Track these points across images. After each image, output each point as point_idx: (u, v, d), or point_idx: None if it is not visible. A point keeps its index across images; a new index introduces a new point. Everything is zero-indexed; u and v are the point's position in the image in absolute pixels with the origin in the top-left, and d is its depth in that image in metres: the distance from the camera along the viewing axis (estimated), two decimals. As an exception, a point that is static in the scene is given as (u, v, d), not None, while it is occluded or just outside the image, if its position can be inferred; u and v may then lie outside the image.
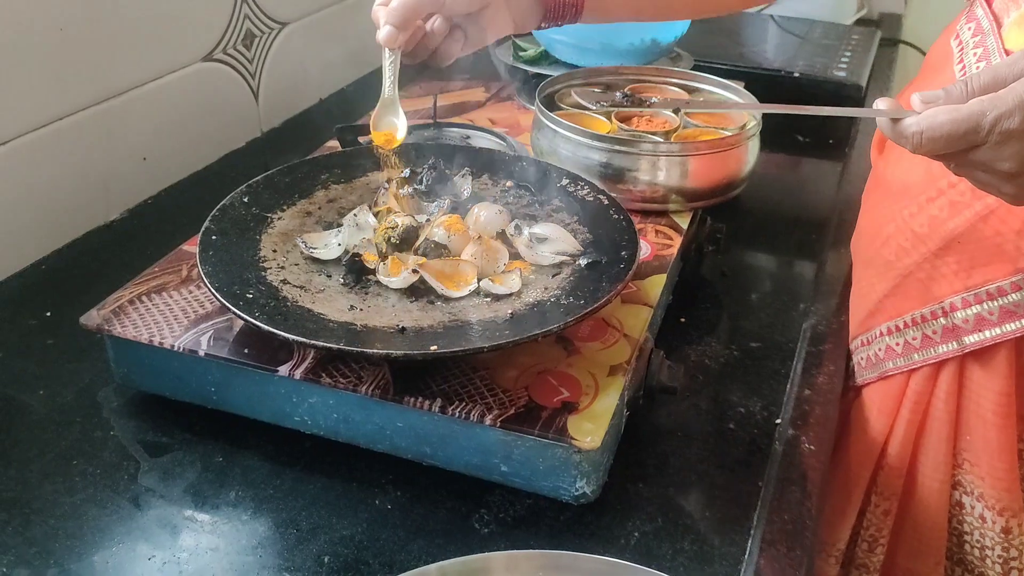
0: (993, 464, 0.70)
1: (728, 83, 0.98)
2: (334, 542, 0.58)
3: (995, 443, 0.69)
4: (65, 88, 0.87)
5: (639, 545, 0.59)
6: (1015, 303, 0.63)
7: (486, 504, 0.61)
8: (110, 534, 0.58)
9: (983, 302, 0.64)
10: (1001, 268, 0.63)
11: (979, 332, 0.65)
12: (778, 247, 0.96)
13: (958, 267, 0.66)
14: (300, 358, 0.63)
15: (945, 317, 0.67)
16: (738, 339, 0.79)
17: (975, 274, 0.65)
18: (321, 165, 0.82)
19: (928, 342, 0.69)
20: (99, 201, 0.93)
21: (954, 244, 0.66)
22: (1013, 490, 0.70)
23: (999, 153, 0.51)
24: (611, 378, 0.63)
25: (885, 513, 0.76)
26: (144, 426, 0.67)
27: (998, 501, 0.71)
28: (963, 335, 0.66)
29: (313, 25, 1.22)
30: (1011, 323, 0.63)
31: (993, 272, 0.64)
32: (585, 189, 0.79)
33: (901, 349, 0.72)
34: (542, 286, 0.68)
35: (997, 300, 0.64)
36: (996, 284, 0.63)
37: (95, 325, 0.66)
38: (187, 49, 1.01)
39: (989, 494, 0.71)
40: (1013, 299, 0.63)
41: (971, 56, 0.67)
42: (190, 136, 1.04)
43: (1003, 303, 0.63)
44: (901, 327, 0.71)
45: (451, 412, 0.59)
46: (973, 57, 0.67)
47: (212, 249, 0.68)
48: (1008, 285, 0.63)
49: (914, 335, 0.70)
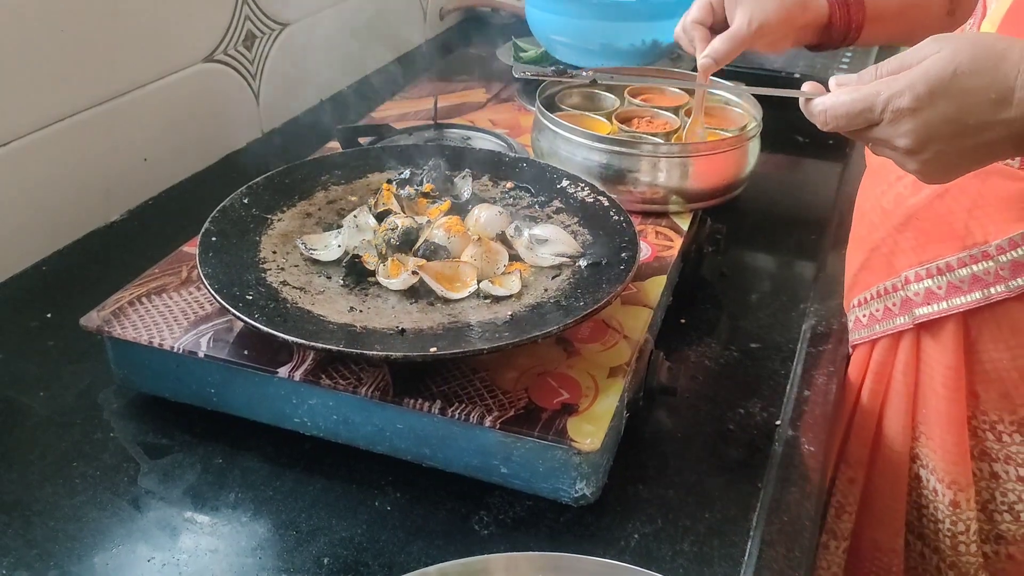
0: (943, 437, 0.71)
1: (729, 84, 0.98)
2: (334, 543, 0.58)
3: (945, 416, 0.71)
4: (66, 89, 0.87)
5: (639, 547, 0.59)
6: (961, 279, 0.65)
7: (486, 506, 0.61)
8: (110, 536, 0.58)
9: (933, 276, 0.67)
10: (951, 244, 0.65)
11: (928, 305, 0.67)
12: (778, 248, 0.96)
13: (915, 242, 0.68)
14: (300, 360, 0.63)
15: (903, 289, 0.68)
16: (738, 340, 0.79)
17: (928, 249, 0.67)
18: (321, 166, 0.82)
19: (888, 314, 0.71)
20: (100, 202, 0.93)
21: (912, 220, 0.68)
22: (961, 464, 0.71)
23: (895, 130, 0.55)
24: (611, 380, 0.63)
25: (851, 481, 0.78)
26: (144, 428, 0.67)
27: (947, 474, 0.72)
28: (914, 307, 0.68)
29: (314, 26, 1.22)
30: (957, 298, 0.65)
31: (943, 248, 0.66)
32: (585, 190, 0.79)
33: (867, 320, 0.74)
34: (542, 288, 0.68)
35: (946, 275, 0.66)
36: (945, 260, 0.66)
37: (95, 327, 0.66)
38: (188, 50, 1.02)
39: (940, 467, 0.72)
40: (960, 275, 0.65)
41: None
42: (191, 137, 1.04)
43: (951, 278, 0.65)
44: (868, 299, 0.74)
45: (451, 414, 0.59)
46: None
47: (212, 250, 0.68)
48: (955, 261, 0.65)
49: (877, 307, 0.72)
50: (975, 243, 0.63)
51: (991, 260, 0.63)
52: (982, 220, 0.63)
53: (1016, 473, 0.70)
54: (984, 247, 0.63)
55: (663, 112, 0.96)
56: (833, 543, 0.78)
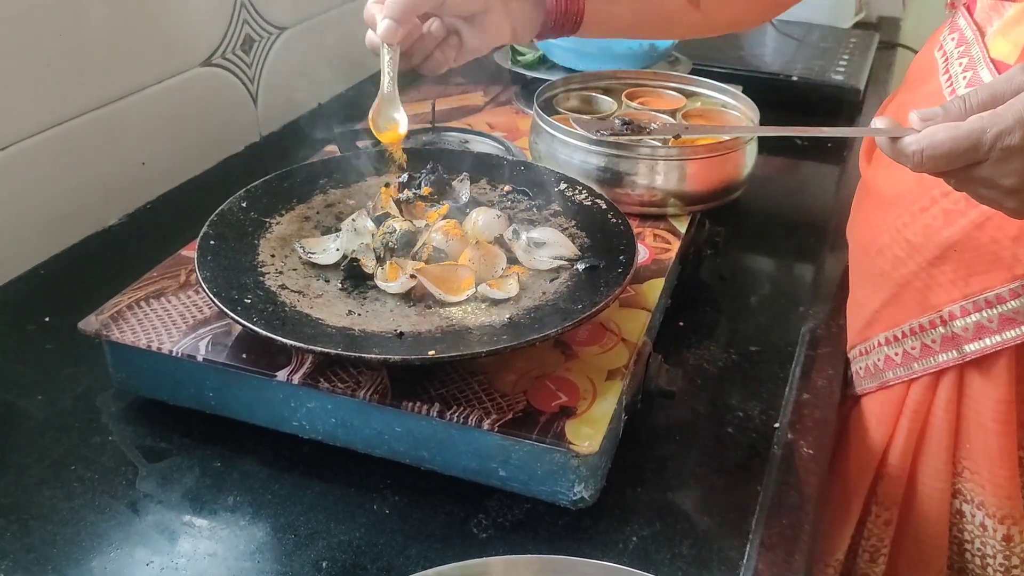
0: (994, 472, 0.70)
1: (726, 87, 0.98)
2: (332, 547, 0.58)
3: (995, 451, 0.69)
4: (64, 93, 0.87)
5: (637, 550, 0.59)
6: (1014, 310, 0.63)
7: (484, 509, 0.61)
8: (108, 540, 0.58)
9: (982, 310, 0.64)
10: (999, 275, 0.63)
11: (979, 340, 0.65)
12: (776, 250, 0.96)
13: (955, 275, 0.66)
14: (298, 363, 0.63)
15: (944, 326, 0.67)
16: (737, 343, 0.79)
17: (973, 282, 0.65)
18: (319, 170, 0.82)
19: (927, 351, 0.69)
20: (98, 206, 0.93)
21: (950, 253, 0.65)
22: (1014, 497, 0.70)
23: (1001, 169, 0.50)
24: (609, 382, 0.63)
25: (886, 523, 0.76)
26: (142, 431, 0.67)
27: (999, 509, 0.70)
28: (963, 344, 0.66)
29: (311, 30, 1.22)
30: (1011, 330, 0.63)
31: (991, 280, 0.64)
32: (583, 193, 0.79)
33: (900, 359, 0.72)
34: (540, 291, 0.68)
35: (996, 308, 0.64)
36: (995, 292, 0.63)
37: (94, 330, 0.66)
38: (186, 54, 1.02)
39: (990, 502, 0.71)
40: (1012, 306, 0.63)
41: (956, 67, 0.67)
42: (189, 141, 1.04)
43: (1002, 311, 0.63)
44: (900, 337, 0.71)
45: (449, 417, 0.59)
46: (959, 67, 0.67)
47: (210, 254, 0.68)
48: (1007, 292, 0.63)
49: (913, 344, 0.70)
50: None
51: None
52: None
53: None
54: None
55: (661, 115, 0.96)
56: None
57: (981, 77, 0.64)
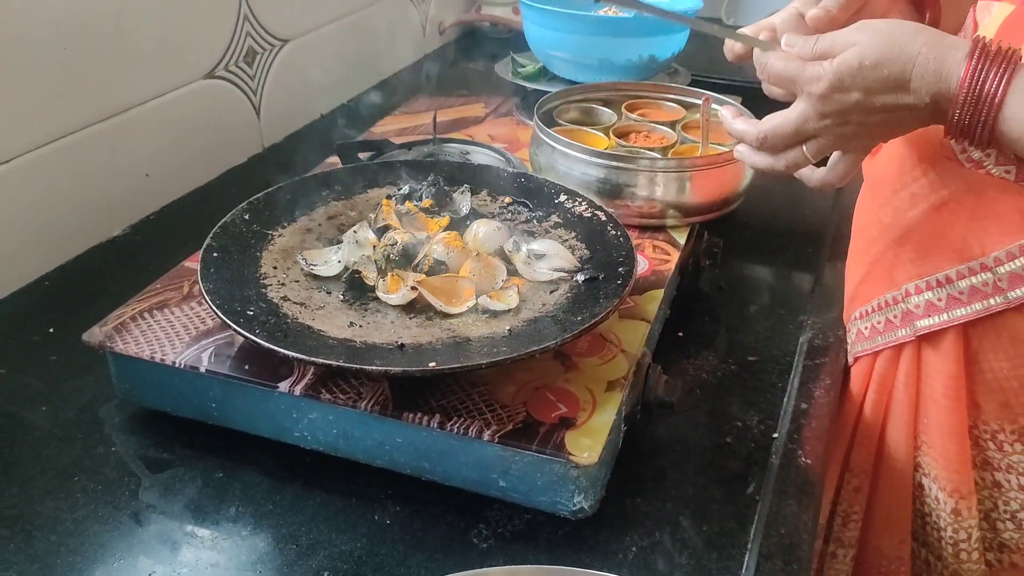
0: (945, 447, 0.72)
1: (724, 98, 0.99)
2: (333, 557, 0.58)
3: (946, 426, 0.71)
4: (69, 106, 0.88)
5: (637, 560, 0.59)
6: (960, 291, 0.66)
7: (485, 519, 0.62)
8: (111, 550, 0.59)
9: (933, 288, 0.68)
10: (949, 257, 0.66)
11: (928, 317, 0.68)
12: (775, 261, 0.97)
13: (914, 255, 0.69)
14: (300, 374, 0.63)
15: (903, 302, 0.70)
16: (736, 353, 0.80)
17: (928, 262, 0.68)
18: (322, 182, 0.82)
19: (890, 326, 0.72)
20: (102, 217, 0.94)
21: (912, 233, 0.69)
22: (963, 472, 0.72)
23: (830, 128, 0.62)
24: (609, 393, 0.63)
25: (856, 490, 0.78)
26: (145, 442, 0.67)
27: (949, 482, 0.72)
28: (915, 320, 0.69)
29: (314, 42, 1.23)
30: (957, 309, 0.66)
31: (942, 261, 0.67)
32: (583, 205, 0.79)
33: (868, 332, 0.75)
34: (540, 302, 0.69)
35: (945, 287, 0.67)
36: (944, 272, 0.67)
37: (97, 342, 0.66)
38: (190, 66, 1.03)
39: (942, 475, 0.73)
40: (959, 287, 0.66)
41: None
42: (192, 152, 1.05)
43: (950, 291, 0.66)
44: (869, 312, 0.74)
45: (450, 428, 0.60)
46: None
47: (213, 266, 0.68)
48: (954, 273, 0.66)
49: (879, 320, 0.73)
50: (973, 256, 0.64)
51: (989, 272, 0.64)
52: (979, 233, 0.64)
53: (1018, 482, 0.71)
54: (982, 259, 0.64)
55: (660, 127, 0.97)
56: (840, 551, 0.79)
57: None
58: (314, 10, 1.23)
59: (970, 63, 0.56)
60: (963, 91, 0.57)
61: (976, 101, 0.56)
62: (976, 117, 0.57)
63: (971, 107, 0.57)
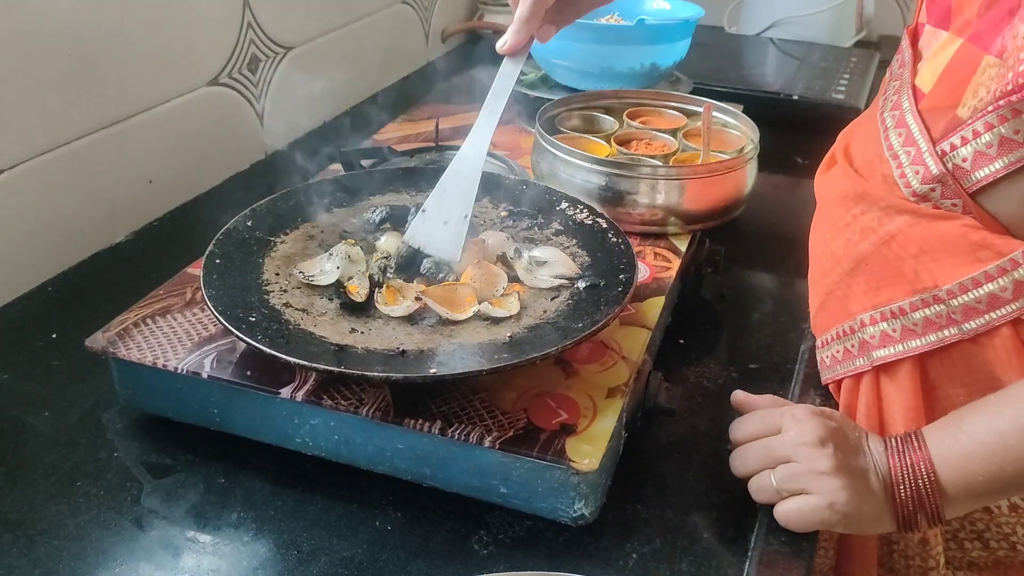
0: None
1: (726, 106, 0.99)
2: (334, 563, 0.58)
3: None
4: (72, 112, 0.88)
5: (637, 566, 0.59)
6: (915, 322, 0.65)
7: (485, 525, 0.62)
8: (113, 555, 0.59)
9: (887, 319, 0.67)
10: (902, 288, 0.66)
11: (884, 348, 0.68)
12: (777, 269, 0.97)
13: (867, 286, 0.69)
14: (302, 380, 0.64)
15: (860, 332, 0.69)
16: (737, 360, 0.80)
17: (881, 293, 0.68)
18: (324, 189, 0.83)
19: (848, 355, 0.71)
20: (105, 223, 0.94)
21: (863, 265, 0.68)
22: None
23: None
24: (609, 400, 0.63)
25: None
26: (147, 448, 0.68)
27: None
28: (872, 350, 0.69)
29: (317, 50, 1.24)
30: (912, 340, 0.66)
31: (895, 292, 0.66)
32: (584, 212, 0.80)
33: (829, 362, 0.74)
34: (541, 309, 0.69)
35: (899, 319, 0.66)
36: (898, 304, 0.66)
37: (100, 347, 0.67)
38: (193, 74, 1.03)
39: None
40: (913, 318, 0.65)
41: (891, 88, 0.71)
42: (195, 159, 1.05)
43: (904, 322, 0.66)
44: (829, 341, 0.74)
45: (451, 434, 0.60)
46: (892, 89, 0.70)
47: (216, 272, 0.69)
48: (907, 305, 0.66)
49: (837, 349, 0.73)
50: (925, 288, 0.64)
51: (942, 304, 0.63)
52: (929, 266, 0.64)
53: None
54: (935, 291, 0.64)
55: (661, 134, 0.97)
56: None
57: (901, 102, 0.67)
58: (317, 18, 1.23)
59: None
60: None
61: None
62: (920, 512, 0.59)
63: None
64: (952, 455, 0.59)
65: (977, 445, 0.58)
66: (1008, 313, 0.61)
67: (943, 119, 0.62)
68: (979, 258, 0.61)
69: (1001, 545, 0.70)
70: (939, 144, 0.62)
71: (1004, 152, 0.58)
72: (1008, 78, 0.56)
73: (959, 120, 0.61)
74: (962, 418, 0.60)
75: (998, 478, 0.57)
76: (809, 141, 1.18)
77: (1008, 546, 0.70)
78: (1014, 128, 0.57)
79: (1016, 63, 0.56)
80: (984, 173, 0.60)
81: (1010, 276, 0.60)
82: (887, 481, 0.60)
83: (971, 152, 0.60)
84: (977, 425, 0.58)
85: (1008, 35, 0.58)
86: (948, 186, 0.62)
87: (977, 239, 0.61)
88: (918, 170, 0.64)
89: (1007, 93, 0.56)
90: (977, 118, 0.59)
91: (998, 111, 0.58)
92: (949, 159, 0.61)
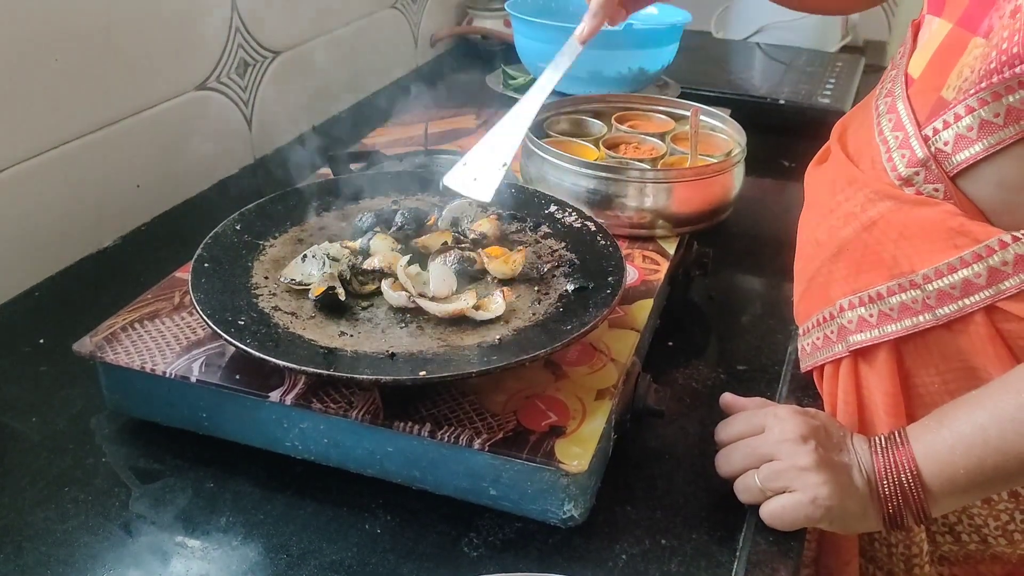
0: None
1: (713, 110, 1.00)
2: (324, 567, 0.58)
3: None
4: (60, 117, 0.88)
5: (627, 567, 0.59)
6: (891, 307, 0.66)
7: (475, 528, 0.62)
8: (101, 561, 0.58)
9: (865, 304, 0.67)
10: (880, 274, 0.66)
11: (861, 332, 0.68)
12: (765, 271, 0.97)
13: (847, 271, 0.69)
14: (291, 384, 0.64)
15: (838, 318, 0.70)
16: (725, 362, 0.80)
17: (860, 278, 0.68)
18: (313, 192, 0.83)
19: (827, 342, 0.72)
20: (93, 228, 0.94)
21: (845, 251, 0.69)
22: None
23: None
24: (598, 402, 0.64)
25: None
26: (136, 453, 0.67)
27: None
28: (849, 335, 0.69)
29: (306, 54, 1.24)
30: (888, 325, 0.66)
31: (874, 277, 0.67)
32: (573, 215, 0.80)
33: (810, 348, 0.75)
34: (530, 311, 0.69)
35: (877, 304, 0.67)
36: (876, 288, 0.67)
37: (88, 352, 0.66)
38: (181, 78, 1.03)
39: None
40: (890, 303, 0.66)
41: (889, 76, 0.71)
42: (183, 163, 1.05)
43: (881, 307, 0.66)
44: (810, 328, 0.74)
45: (440, 436, 0.60)
46: (890, 77, 0.71)
47: (204, 276, 0.69)
48: (885, 290, 0.66)
49: (818, 335, 0.73)
50: (902, 272, 0.65)
51: (918, 289, 0.64)
52: (907, 251, 0.65)
53: None
54: (911, 276, 0.64)
55: (650, 138, 0.98)
56: (804, 570, 0.78)
57: (894, 89, 0.68)
58: (306, 22, 1.23)
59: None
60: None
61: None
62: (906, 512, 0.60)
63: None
64: (933, 450, 0.59)
65: (958, 438, 0.58)
66: (981, 300, 0.61)
67: (929, 102, 0.63)
68: (956, 244, 0.62)
69: (972, 538, 0.71)
70: (924, 128, 0.63)
71: (984, 135, 0.59)
72: (992, 56, 0.57)
73: (944, 102, 0.62)
74: (944, 414, 0.60)
75: (979, 471, 0.58)
76: (796, 145, 1.19)
77: (979, 539, 0.71)
78: (994, 111, 0.58)
79: (1000, 41, 0.57)
80: (964, 156, 0.61)
81: (985, 263, 0.61)
82: (871, 478, 0.60)
83: (952, 135, 0.61)
84: (958, 419, 0.59)
85: (995, 16, 0.59)
86: (931, 170, 0.63)
87: (955, 225, 0.62)
88: (904, 154, 0.64)
89: (990, 72, 0.57)
90: (959, 101, 0.60)
91: (979, 94, 0.58)
92: (932, 143, 0.62)
